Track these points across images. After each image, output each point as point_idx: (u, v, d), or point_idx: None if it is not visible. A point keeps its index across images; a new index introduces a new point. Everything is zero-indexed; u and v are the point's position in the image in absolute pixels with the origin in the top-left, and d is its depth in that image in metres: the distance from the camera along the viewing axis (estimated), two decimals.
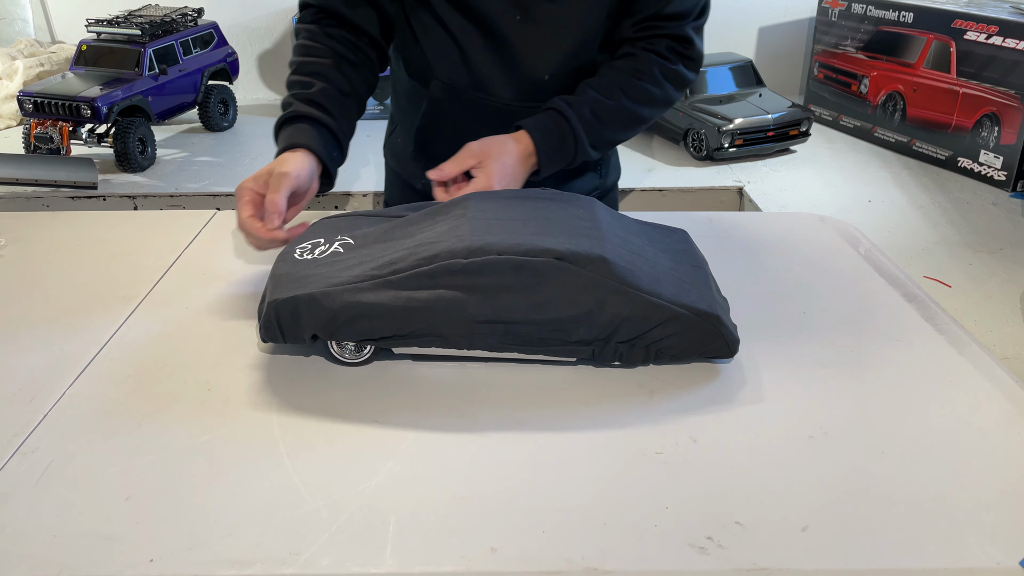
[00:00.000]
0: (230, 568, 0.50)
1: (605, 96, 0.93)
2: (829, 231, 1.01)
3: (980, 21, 1.73)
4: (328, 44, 0.94)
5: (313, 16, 0.96)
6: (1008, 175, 1.72)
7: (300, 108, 0.90)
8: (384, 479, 0.58)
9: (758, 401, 0.67)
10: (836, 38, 2.10)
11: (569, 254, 0.67)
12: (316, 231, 0.80)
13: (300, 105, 0.90)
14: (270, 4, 2.29)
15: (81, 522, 0.54)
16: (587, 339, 0.68)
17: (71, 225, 1.00)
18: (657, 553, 0.52)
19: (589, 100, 0.92)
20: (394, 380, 0.69)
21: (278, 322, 0.68)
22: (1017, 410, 0.67)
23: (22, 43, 2.19)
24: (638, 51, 0.95)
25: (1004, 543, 0.53)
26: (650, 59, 0.95)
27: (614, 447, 0.61)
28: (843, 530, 0.54)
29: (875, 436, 0.63)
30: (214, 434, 0.62)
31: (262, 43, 2.33)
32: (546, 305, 0.67)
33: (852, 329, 0.78)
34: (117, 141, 1.73)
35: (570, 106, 0.92)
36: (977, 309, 1.28)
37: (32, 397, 0.67)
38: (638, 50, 0.95)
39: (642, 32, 0.95)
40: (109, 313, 0.79)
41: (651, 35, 0.95)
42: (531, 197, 0.79)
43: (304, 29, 0.96)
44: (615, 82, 0.94)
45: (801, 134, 1.93)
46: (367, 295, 0.67)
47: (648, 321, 0.68)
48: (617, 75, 0.94)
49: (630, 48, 0.96)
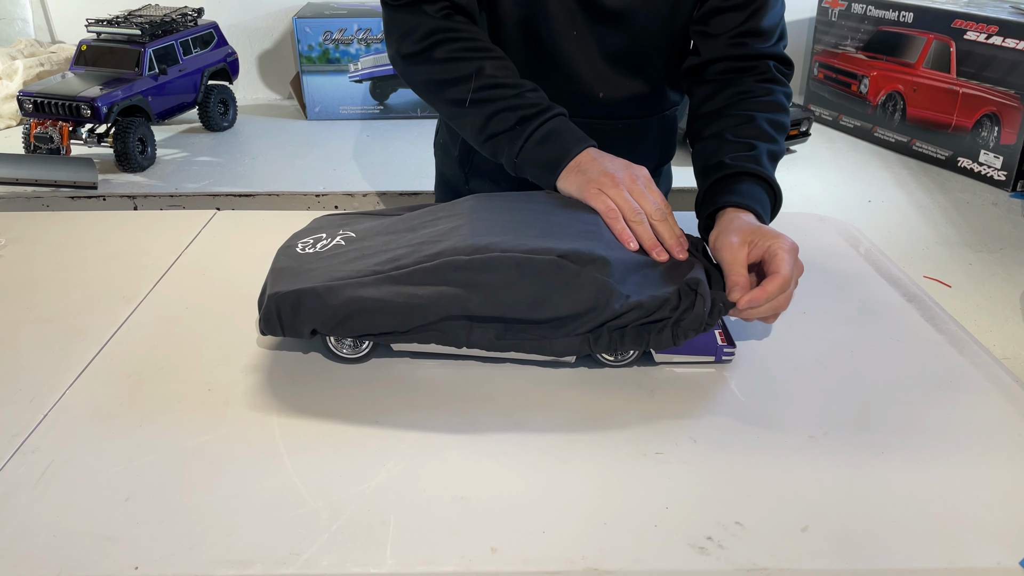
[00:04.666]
0: (230, 568, 0.50)
1: (771, 144, 0.84)
2: (829, 231, 1.00)
3: (980, 21, 1.73)
4: (482, 36, 0.88)
5: (444, 10, 0.87)
6: (1008, 175, 1.72)
7: (552, 104, 0.84)
8: (384, 479, 0.58)
9: (758, 401, 0.67)
10: (836, 38, 2.10)
11: (571, 253, 0.67)
12: (318, 226, 0.80)
13: (538, 96, 0.84)
14: (270, 4, 2.29)
15: (81, 522, 0.54)
16: (581, 331, 0.68)
17: (71, 225, 1.00)
18: (657, 553, 0.52)
19: (766, 153, 0.83)
20: (394, 380, 0.69)
21: (278, 315, 0.68)
22: (1017, 410, 0.67)
23: (22, 43, 2.19)
24: (760, 86, 0.88)
25: (1004, 543, 0.53)
26: (775, 91, 0.88)
27: (614, 447, 0.61)
28: (843, 530, 0.54)
29: (875, 436, 0.63)
30: (214, 434, 0.62)
31: (262, 43, 2.33)
32: (546, 303, 0.67)
33: (852, 329, 0.78)
34: (117, 141, 1.73)
35: (762, 165, 0.82)
36: (977, 309, 1.28)
37: (32, 397, 0.67)
38: (760, 84, 0.88)
39: (738, 51, 0.89)
40: (109, 313, 0.79)
41: (752, 55, 0.89)
42: (535, 200, 0.79)
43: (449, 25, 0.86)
44: (771, 119, 0.86)
45: (801, 134, 1.93)
46: (368, 290, 0.67)
47: (647, 313, 0.67)
48: (766, 111, 0.86)
49: (749, 82, 0.88)
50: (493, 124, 0.84)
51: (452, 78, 0.85)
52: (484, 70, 0.84)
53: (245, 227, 0.99)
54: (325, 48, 2.12)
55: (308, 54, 2.12)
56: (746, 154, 0.82)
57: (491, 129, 0.84)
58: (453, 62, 0.85)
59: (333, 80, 2.15)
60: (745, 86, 0.88)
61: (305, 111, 2.20)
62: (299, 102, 2.23)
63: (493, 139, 0.84)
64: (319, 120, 2.19)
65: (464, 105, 0.85)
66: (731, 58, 0.89)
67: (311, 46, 2.12)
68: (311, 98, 2.17)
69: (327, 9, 2.18)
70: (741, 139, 0.83)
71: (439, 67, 0.86)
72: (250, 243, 0.94)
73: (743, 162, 0.81)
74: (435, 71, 0.86)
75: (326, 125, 2.15)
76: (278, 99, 2.38)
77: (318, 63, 2.13)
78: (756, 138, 0.83)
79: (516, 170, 0.84)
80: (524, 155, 0.82)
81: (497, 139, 0.84)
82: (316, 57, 2.13)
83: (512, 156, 0.83)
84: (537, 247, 0.67)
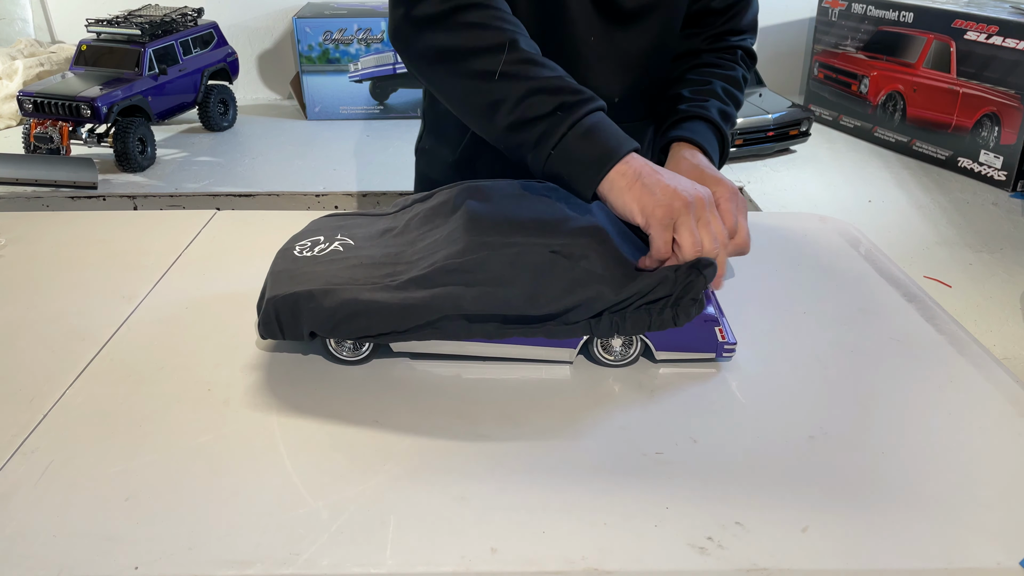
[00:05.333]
0: (230, 568, 0.50)
1: (724, 104, 0.91)
2: (829, 231, 1.01)
3: (980, 21, 1.73)
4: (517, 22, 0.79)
5: None
6: (1008, 175, 1.72)
7: (593, 94, 0.74)
8: (384, 479, 0.58)
9: (758, 401, 0.67)
10: (836, 38, 2.10)
11: (563, 247, 0.67)
12: (316, 229, 0.80)
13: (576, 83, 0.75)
14: (270, 4, 2.29)
15: (81, 522, 0.53)
16: (579, 320, 0.68)
17: (71, 225, 1.00)
18: (657, 553, 0.52)
19: (718, 109, 0.90)
20: (394, 380, 0.69)
21: (277, 318, 0.68)
22: (1017, 410, 0.67)
23: (22, 43, 2.19)
24: (723, 61, 0.95)
25: (1004, 543, 0.53)
26: (736, 68, 0.95)
27: (614, 447, 0.61)
28: (843, 530, 0.54)
29: (875, 436, 0.63)
30: (214, 434, 0.62)
31: (262, 43, 2.33)
32: (541, 298, 0.67)
33: (852, 329, 0.78)
34: (117, 141, 1.73)
35: (712, 113, 0.89)
36: (977, 309, 1.28)
37: (32, 397, 0.67)
38: (723, 60, 0.95)
39: (715, 44, 0.96)
40: (109, 313, 0.79)
41: (726, 47, 0.96)
42: (528, 194, 0.79)
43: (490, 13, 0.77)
44: (726, 87, 0.93)
45: (801, 134, 1.93)
46: (365, 293, 0.67)
47: (644, 293, 0.68)
48: (724, 81, 0.93)
49: (711, 58, 0.96)
50: (525, 107, 0.71)
51: (480, 47, 0.74)
52: (518, 43, 0.74)
53: (245, 227, 0.99)
54: (325, 48, 2.12)
55: (308, 54, 2.12)
56: (700, 104, 0.89)
57: (522, 113, 0.71)
58: (482, 28, 0.75)
59: (333, 80, 2.15)
60: (708, 60, 0.95)
61: (305, 111, 2.20)
62: (299, 102, 2.23)
63: (523, 126, 0.72)
64: (319, 120, 2.19)
65: (492, 78, 0.73)
66: (709, 51, 0.96)
67: (311, 46, 2.12)
68: (311, 98, 2.17)
69: (327, 9, 2.18)
70: (696, 96, 0.90)
71: (464, 33, 0.75)
72: (250, 243, 0.94)
73: (695, 108, 0.88)
74: (458, 37, 0.75)
75: (326, 125, 2.15)
76: (278, 99, 2.39)
77: (318, 63, 2.13)
78: (711, 96, 0.90)
79: (545, 167, 0.72)
80: (564, 148, 0.70)
81: (529, 127, 0.71)
82: (316, 57, 2.13)
83: (547, 147, 0.71)
84: (529, 241, 0.68)
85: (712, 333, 0.71)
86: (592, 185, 0.70)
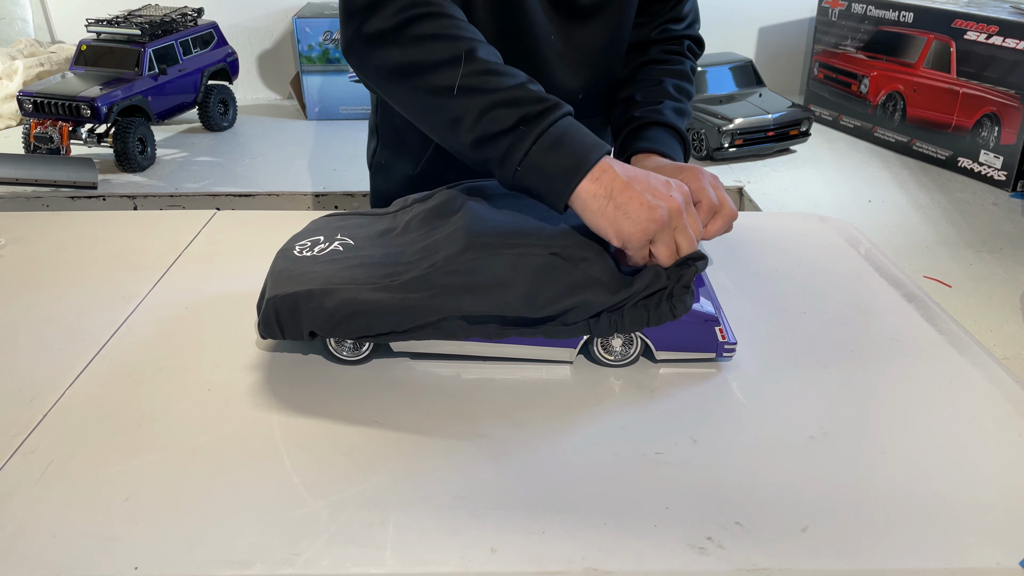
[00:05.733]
0: (230, 568, 0.50)
1: (677, 103, 0.94)
2: (829, 231, 1.01)
3: (980, 21, 1.72)
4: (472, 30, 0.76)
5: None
6: (1008, 175, 1.72)
7: (558, 100, 0.71)
8: (384, 479, 0.58)
9: (758, 401, 0.67)
10: (836, 38, 2.10)
11: (563, 250, 0.67)
12: (315, 229, 0.80)
13: (540, 89, 0.72)
14: (270, 4, 2.29)
15: (81, 522, 0.53)
16: (577, 320, 0.69)
17: (71, 225, 1.00)
18: (657, 553, 0.52)
19: (672, 109, 0.93)
20: (394, 380, 0.69)
21: (277, 318, 0.68)
22: (1017, 410, 0.67)
23: (22, 43, 2.19)
24: (671, 56, 0.98)
25: (1004, 543, 0.53)
26: (684, 62, 0.98)
27: (614, 447, 0.61)
28: (843, 530, 0.54)
29: (875, 436, 0.63)
30: (214, 434, 0.62)
31: (262, 43, 2.33)
32: (540, 299, 0.67)
33: (852, 329, 0.78)
34: (117, 141, 1.73)
35: (669, 116, 0.91)
36: (977, 309, 1.28)
37: (32, 397, 0.67)
38: (670, 55, 0.98)
39: (664, 34, 0.98)
40: (109, 313, 0.79)
41: (673, 36, 0.99)
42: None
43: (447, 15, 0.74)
44: (676, 83, 0.96)
45: (801, 134, 1.93)
46: (365, 293, 0.67)
47: (640, 289, 0.68)
48: (673, 77, 0.96)
49: (659, 54, 0.98)
50: (486, 122, 0.68)
51: (435, 60, 0.71)
52: (476, 52, 0.71)
53: (245, 227, 0.99)
54: (325, 48, 2.12)
55: (308, 54, 2.12)
56: (654, 108, 0.91)
57: (484, 128, 0.68)
58: (437, 41, 0.71)
59: (333, 80, 2.15)
60: (656, 56, 0.98)
61: (305, 111, 2.20)
62: (299, 102, 2.23)
63: (487, 142, 0.69)
64: (319, 120, 2.19)
65: (451, 94, 0.69)
66: (658, 41, 0.99)
67: (311, 46, 2.12)
68: (311, 98, 2.17)
69: (327, 9, 2.18)
70: (649, 99, 0.92)
71: (419, 47, 0.71)
72: (250, 243, 0.94)
73: (651, 115, 0.90)
74: (413, 52, 0.71)
75: (326, 125, 2.15)
76: (278, 99, 2.38)
77: (318, 63, 2.13)
78: (663, 96, 0.92)
79: (514, 182, 0.69)
80: (529, 162, 0.68)
81: (492, 142, 0.69)
82: (316, 57, 2.13)
83: (513, 163, 0.68)
84: (528, 242, 0.68)
85: (712, 333, 0.71)
86: (562, 199, 0.68)
